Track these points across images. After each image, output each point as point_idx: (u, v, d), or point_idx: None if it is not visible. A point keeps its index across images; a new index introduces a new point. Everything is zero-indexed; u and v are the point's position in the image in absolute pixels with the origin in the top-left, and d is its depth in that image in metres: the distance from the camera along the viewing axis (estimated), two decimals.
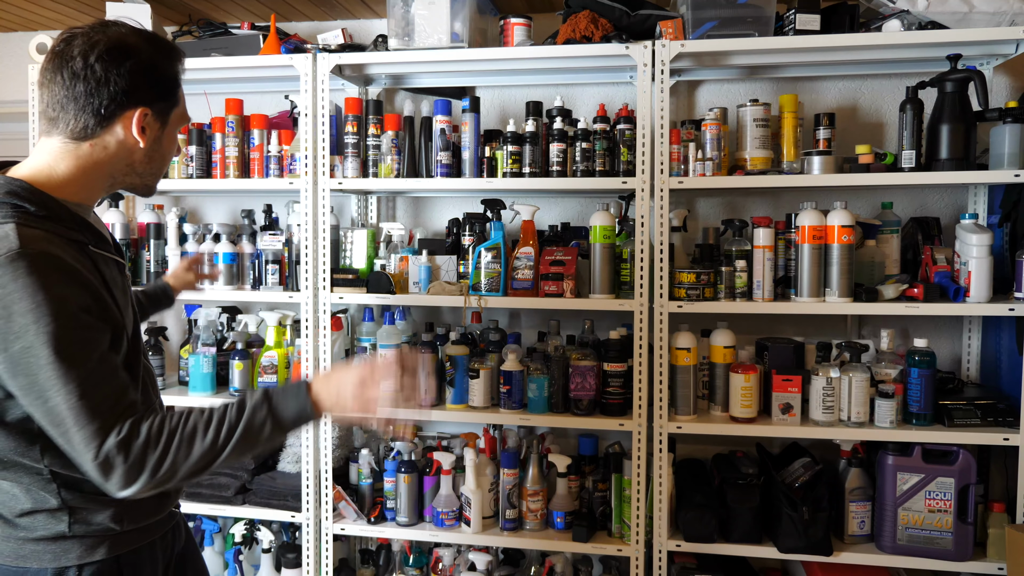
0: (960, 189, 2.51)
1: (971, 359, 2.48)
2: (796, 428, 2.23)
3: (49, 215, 1.14)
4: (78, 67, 1.15)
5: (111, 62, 1.16)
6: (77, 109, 1.16)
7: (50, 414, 1.07)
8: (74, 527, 1.19)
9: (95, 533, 1.21)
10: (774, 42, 2.21)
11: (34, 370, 1.05)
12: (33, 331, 1.04)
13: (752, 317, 2.61)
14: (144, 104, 1.20)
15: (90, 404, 1.06)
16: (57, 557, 1.19)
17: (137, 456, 1.08)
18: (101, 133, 1.19)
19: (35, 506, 1.18)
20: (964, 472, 2.15)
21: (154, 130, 1.23)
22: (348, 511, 2.46)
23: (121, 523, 1.23)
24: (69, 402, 1.06)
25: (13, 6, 2.82)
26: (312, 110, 2.43)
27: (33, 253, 1.06)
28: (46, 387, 1.05)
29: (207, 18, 2.81)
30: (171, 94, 1.25)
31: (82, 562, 1.20)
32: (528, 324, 2.76)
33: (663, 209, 2.24)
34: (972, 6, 2.11)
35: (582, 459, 2.49)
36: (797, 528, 2.16)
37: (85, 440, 1.06)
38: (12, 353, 1.05)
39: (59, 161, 1.20)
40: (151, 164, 1.26)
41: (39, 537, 1.19)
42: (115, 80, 1.16)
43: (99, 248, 1.20)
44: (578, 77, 2.65)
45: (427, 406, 1.21)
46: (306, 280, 2.44)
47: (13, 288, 1.04)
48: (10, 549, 1.19)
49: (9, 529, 1.19)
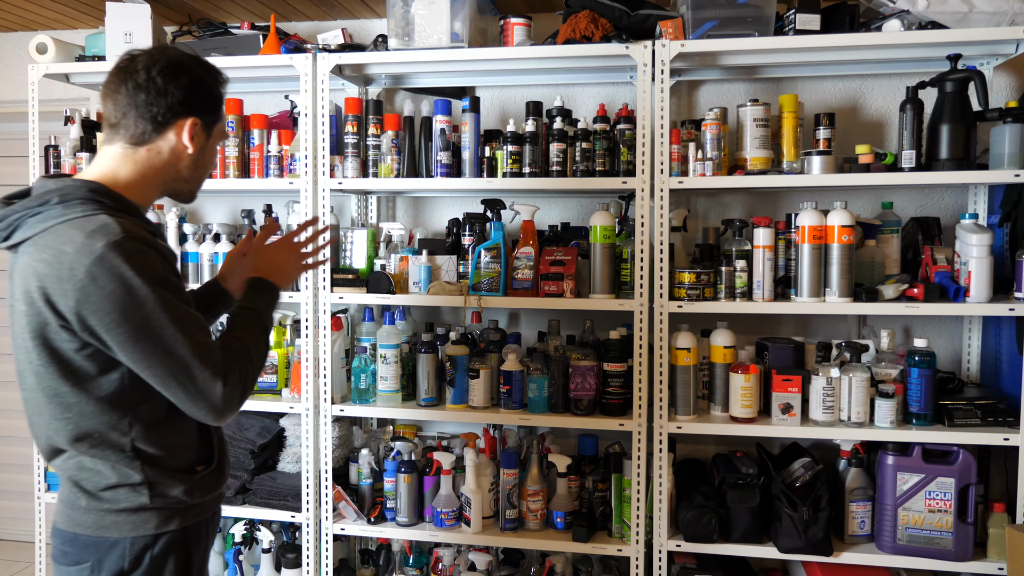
0: (960, 189, 2.51)
1: (971, 359, 2.48)
2: (796, 428, 2.23)
3: (125, 210, 1.31)
4: (141, 79, 1.32)
5: (170, 76, 1.33)
6: (137, 116, 1.33)
7: (175, 366, 1.25)
8: (154, 500, 1.33)
9: (170, 506, 1.35)
10: (774, 42, 2.21)
11: (158, 331, 1.23)
12: (152, 300, 1.22)
13: (752, 317, 2.61)
14: (194, 115, 1.37)
15: (205, 351, 1.27)
16: (136, 527, 1.32)
17: (239, 379, 1.31)
18: (156, 139, 1.35)
19: (119, 480, 1.31)
20: (964, 472, 2.14)
21: (200, 140, 1.40)
22: (348, 511, 2.46)
23: (192, 496, 1.37)
24: (191, 351, 1.25)
25: (13, 6, 2.82)
26: (312, 110, 2.43)
27: (134, 237, 1.24)
28: (171, 343, 1.24)
29: (207, 18, 2.81)
30: (216, 109, 1.44)
31: (158, 532, 1.34)
32: (528, 324, 2.76)
33: (663, 209, 2.24)
34: (972, 6, 2.11)
35: (582, 459, 2.49)
36: (797, 528, 2.16)
37: (210, 379, 1.27)
38: (136, 322, 1.22)
39: (120, 165, 1.35)
40: (196, 171, 1.43)
41: (121, 509, 1.32)
42: (172, 92, 1.34)
43: (162, 241, 1.38)
44: (578, 77, 2.65)
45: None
46: (306, 280, 2.44)
47: (126, 268, 1.21)
48: (92, 520, 1.32)
49: (93, 502, 1.32)
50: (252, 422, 2.60)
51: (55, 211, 1.25)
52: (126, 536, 1.32)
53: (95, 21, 2.99)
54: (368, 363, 2.46)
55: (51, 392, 1.28)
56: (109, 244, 1.20)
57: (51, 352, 1.25)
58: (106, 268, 1.20)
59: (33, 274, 1.23)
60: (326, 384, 2.44)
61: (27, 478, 3.28)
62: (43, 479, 2.68)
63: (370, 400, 2.48)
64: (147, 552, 1.32)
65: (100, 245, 1.20)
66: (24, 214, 1.27)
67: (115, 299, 1.20)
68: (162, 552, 1.34)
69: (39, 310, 1.23)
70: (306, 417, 2.46)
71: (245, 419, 2.62)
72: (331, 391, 2.44)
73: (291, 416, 2.57)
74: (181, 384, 1.26)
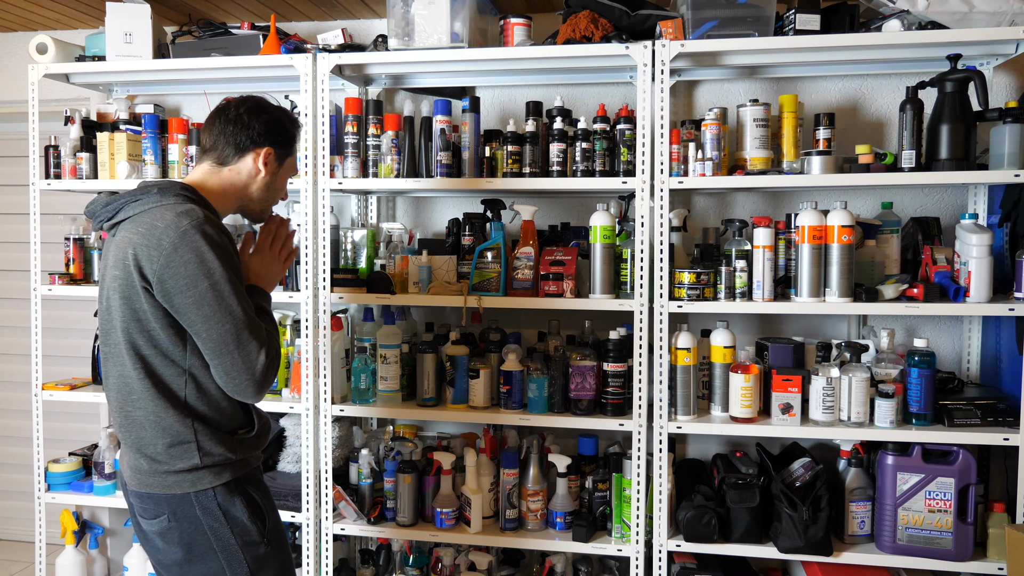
0: (960, 189, 2.51)
1: (971, 359, 2.48)
2: (796, 428, 2.23)
3: (212, 212, 1.60)
4: (231, 115, 1.67)
5: (255, 114, 1.67)
6: (224, 143, 1.66)
7: (228, 333, 1.49)
8: (204, 458, 1.55)
9: (218, 462, 1.56)
10: (774, 42, 2.21)
11: (219, 300, 1.48)
12: (219, 273, 1.49)
13: (752, 317, 2.61)
14: (270, 145, 1.68)
15: (255, 325, 1.53)
16: (195, 483, 1.54)
17: (276, 354, 1.57)
18: (236, 162, 1.67)
19: (173, 440, 1.54)
20: (964, 472, 2.15)
21: (272, 167, 1.70)
22: (348, 511, 2.46)
23: (235, 452, 1.58)
24: (244, 322, 1.50)
25: (13, 6, 2.82)
26: (312, 110, 2.43)
27: (214, 225, 1.53)
28: (228, 312, 1.49)
29: (207, 18, 2.81)
30: (289, 145, 1.73)
31: (214, 485, 1.55)
32: (528, 324, 2.76)
33: (663, 209, 2.24)
34: (972, 6, 2.11)
35: (582, 459, 2.49)
36: (797, 528, 2.16)
37: (256, 349, 1.51)
38: (203, 289, 1.48)
39: (207, 178, 1.67)
40: (266, 192, 1.72)
41: (179, 469, 1.54)
42: (255, 125, 1.66)
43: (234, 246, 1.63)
44: (578, 77, 2.65)
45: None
46: (306, 280, 2.44)
47: (204, 244, 1.48)
48: (158, 482, 1.55)
49: (155, 465, 1.55)
50: None
51: (153, 199, 1.54)
52: (188, 492, 1.54)
53: (95, 21, 2.99)
54: (368, 363, 2.46)
55: (129, 344, 1.53)
56: (192, 224, 1.48)
57: (131, 311, 1.52)
58: (188, 242, 1.47)
59: (129, 244, 1.50)
60: (326, 384, 2.44)
61: (27, 478, 3.28)
62: (43, 479, 2.68)
63: (370, 400, 2.48)
64: (213, 501, 1.55)
65: (186, 223, 1.48)
66: (127, 200, 1.56)
67: (190, 267, 1.47)
68: (226, 500, 1.56)
69: (129, 273, 1.49)
70: (306, 417, 2.46)
71: None
72: (331, 391, 2.44)
73: (291, 416, 2.57)
74: (230, 352, 1.50)
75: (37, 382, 2.68)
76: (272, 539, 1.63)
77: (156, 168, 2.61)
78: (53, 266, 2.93)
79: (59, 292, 2.64)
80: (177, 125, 2.59)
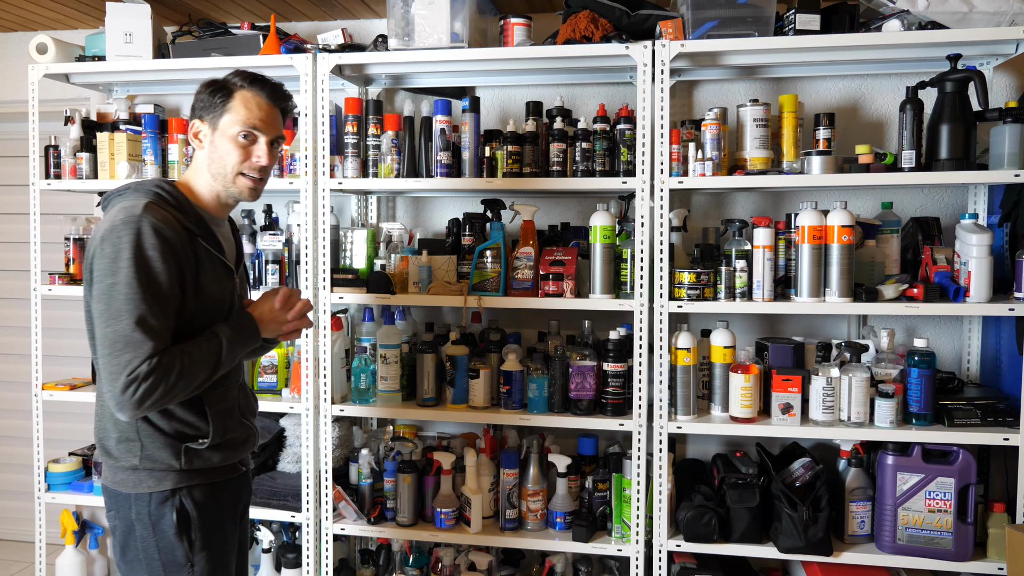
0: (960, 189, 2.51)
1: (971, 359, 2.48)
2: (796, 428, 2.23)
3: (178, 207, 1.54)
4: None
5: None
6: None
7: (110, 337, 1.40)
8: (144, 461, 1.51)
9: (161, 468, 1.51)
10: (774, 42, 2.21)
11: (114, 299, 1.41)
12: (126, 272, 1.41)
13: (752, 317, 2.61)
14: (196, 118, 1.62)
15: (133, 343, 1.40)
16: (136, 485, 1.51)
17: (147, 387, 1.40)
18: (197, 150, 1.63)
19: (121, 436, 1.51)
20: (964, 472, 2.15)
21: (207, 136, 1.61)
22: (348, 511, 2.46)
23: (180, 461, 1.52)
24: (128, 331, 1.40)
25: (13, 6, 2.82)
26: (312, 110, 2.43)
27: (146, 220, 1.44)
28: (119, 314, 1.40)
29: (207, 18, 2.81)
30: (214, 106, 1.61)
31: (152, 491, 1.51)
32: (528, 324, 2.76)
33: (663, 209, 2.24)
34: (972, 6, 2.11)
35: (582, 459, 2.49)
36: (797, 528, 2.16)
37: (126, 363, 1.39)
38: (105, 285, 1.42)
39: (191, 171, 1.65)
40: (215, 164, 1.61)
41: (124, 466, 1.52)
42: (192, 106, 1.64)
43: (207, 244, 1.56)
44: (578, 77, 2.65)
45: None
46: (306, 280, 2.44)
47: (127, 240, 1.42)
48: (110, 475, 1.55)
49: (109, 458, 1.54)
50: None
51: (127, 194, 1.54)
52: (131, 492, 1.51)
53: (95, 21, 2.99)
54: (368, 363, 2.46)
55: (91, 334, 1.52)
56: (126, 218, 1.44)
57: (87, 302, 1.50)
58: (113, 236, 1.43)
59: None
60: (326, 384, 2.44)
61: (27, 478, 3.28)
62: (43, 479, 2.68)
63: (370, 400, 2.48)
64: (146, 508, 1.50)
65: (121, 217, 1.45)
66: (113, 196, 1.57)
67: (104, 261, 1.43)
68: (158, 509, 1.51)
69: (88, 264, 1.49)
70: (306, 417, 2.46)
71: None
72: (331, 391, 2.44)
73: (291, 416, 2.57)
74: (104, 357, 1.42)
75: (37, 382, 2.68)
76: (199, 566, 1.53)
77: (156, 168, 2.61)
78: (53, 266, 2.93)
79: (59, 292, 2.65)
80: (177, 125, 2.59)
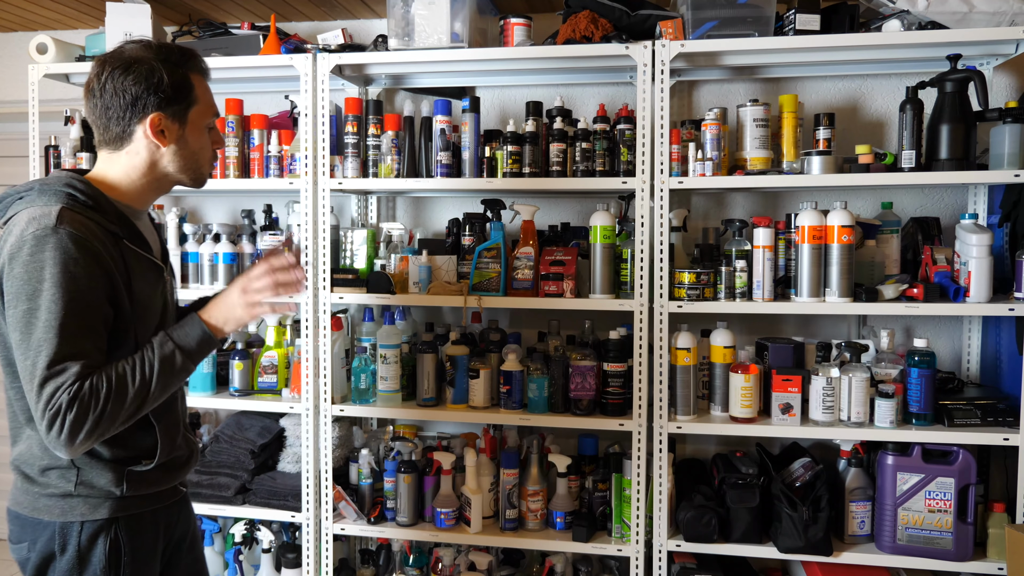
0: (960, 189, 2.51)
1: (971, 359, 2.48)
2: (796, 428, 2.23)
3: (95, 207, 1.33)
4: (96, 89, 1.36)
5: (117, 78, 1.35)
6: (104, 125, 1.38)
7: (31, 369, 1.23)
8: (79, 487, 1.34)
9: (98, 495, 1.35)
10: (774, 42, 2.21)
11: (32, 327, 1.23)
12: (46, 295, 1.23)
13: (752, 317, 2.61)
14: (155, 109, 1.36)
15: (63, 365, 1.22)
16: (64, 513, 1.34)
17: (76, 414, 1.22)
18: (130, 140, 1.38)
19: (50, 463, 1.34)
20: (964, 472, 2.14)
21: (174, 132, 1.40)
22: (348, 511, 2.46)
23: (121, 487, 1.36)
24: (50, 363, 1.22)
25: (13, 6, 2.82)
26: (312, 110, 2.43)
27: (64, 232, 1.24)
28: (39, 344, 1.22)
29: (207, 18, 2.81)
30: (181, 97, 1.39)
31: (84, 519, 1.35)
32: (528, 324, 2.75)
33: (663, 209, 2.24)
34: (972, 6, 2.11)
35: (582, 459, 2.49)
36: (797, 528, 2.16)
37: (42, 405, 1.22)
38: (20, 311, 1.24)
39: (108, 168, 1.41)
40: (184, 160, 1.42)
41: (51, 493, 1.35)
42: (123, 93, 1.35)
43: (134, 245, 1.37)
44: (578, 77, 2.65)
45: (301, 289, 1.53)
46: (306, 280, 2.44)
47: (46, 259, 1.23)
48: (28, 501, 1.36)
49: (29, 484, 1.36)
50: (252, 422, 2.61)
51: (30, 197, 1.32)
52: (56, 520, 1.34)
53: (95, 21, 2.99)
54: (368, 363, 2.46)
55: (6, 362, 1.35)
56: (36, 231, 1.24)
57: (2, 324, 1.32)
58: (23, 253, 1.24)
59: None
60: (326, 384, 2.44)
61: None
62: None
63: (370, 400, 2.48)
64: (75, 538, 1.34)
65: (30, 231, 1.25)
66: (14, 197, 1.35)
67: (16, 283, 1.25)
68: (89, 540, 1.35)
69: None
70: (306, 417, 2.46)
71: (245, 419, 2.62)
72: (331, 391, 2.44)
73: (291, 416, 2.57)
74: (30, 391, 1.24)
75: None
76: None
77: None
78: None
79: None
80: None
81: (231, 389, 2.55)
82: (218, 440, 2.56)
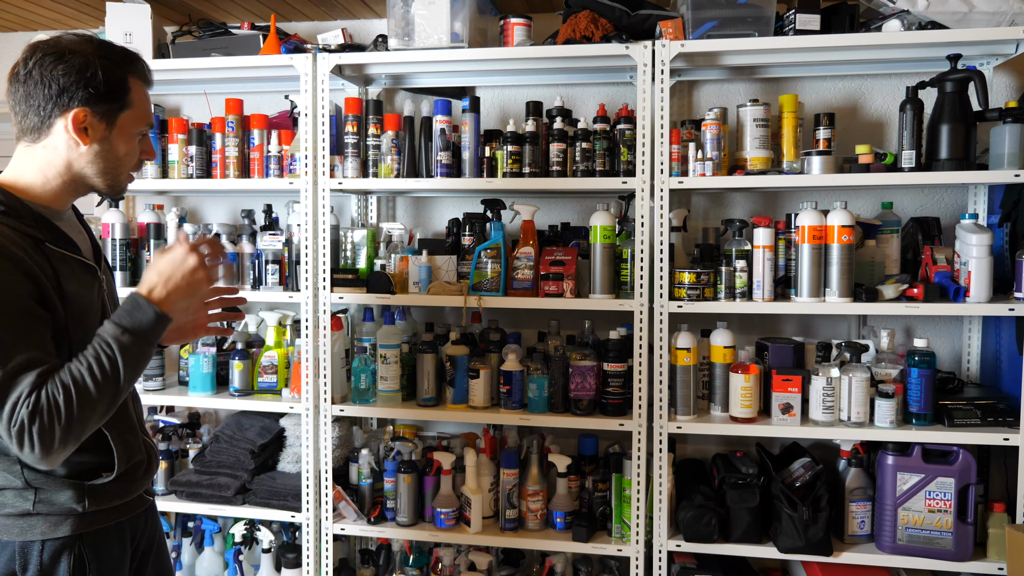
0: (960, 189, 2.51)
1: (971, 359, 2.48)
2: (796, 428, 2.23)
3: (9, 212, 1.25)
4: (22, 74, 1.27)
5: (47, 66, 1.26)
6: (24, 112, 1.28)
7: None
8: (38, 505, 1.28)
9: (58, 512, 1.29)
10: (774, 42, 2.21)
11: None
12: None
13: (752, 317, 2.61)
14: (82, 104, 1.27)
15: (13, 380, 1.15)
16: (23, 532, 1.28)
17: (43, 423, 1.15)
18: (48, 133, 1.28)
19: (4, 484, 1.27)
20: (964, 472, 2.14)
21: (99, 131, 1.30)
22: (348, 511, 2.46)
23: (83, 503, 1.30)
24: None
25: (13, 6, 2.82)
26: (312, 110, 2.43)
27: None
28: None
29: (207, 18, 2.81)
30: (116, 97, 1.31)
31: (45, 538, 1.28)
32: (528, 324, 2.75)
33: (663, 209, 2.24)
34: (972, 6, 2.11)
35: (582, 459, 2.49)
36: (797, 528, 2.16)
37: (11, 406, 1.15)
38: None
39: (23, 165, 1.31)
40: (104, 163, 1.32)
41: (7, 513, 1.27)
42: (50, 82, 1.26)
43: (58, 247, 1.29)
44: (578, 77, 2.65)
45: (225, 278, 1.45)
46: (306, 280, 2.44)
47: None
48: None
49: None
50: (252, 422, 2.61)
51: None
52: (14, 540, 1.27)
53: (95, 21, 2.99)
54: (368, 363, 2.46)
55: None
56: None
57: None
58: None
59: None
60: (326, 384, 2.44)
61: None
62: None
63: (370, 400, 2.48)
64: (36, 557, 1.28)
65: None
66: None
67: None
68: (51, 559, 1.28)
69: None
70: (306, 417, 2.46)
71: (245, 419, 2.62)
72: (331, 391, 2.44)
73: (291, 416, 2.57)
74: None
75: None
76: None
77: (156, 168, 2.61)
78: None
79: None
80: (177, 125, 2.59)
81: (231, 389, 2.55)
82: (218, 440, 2.56)
